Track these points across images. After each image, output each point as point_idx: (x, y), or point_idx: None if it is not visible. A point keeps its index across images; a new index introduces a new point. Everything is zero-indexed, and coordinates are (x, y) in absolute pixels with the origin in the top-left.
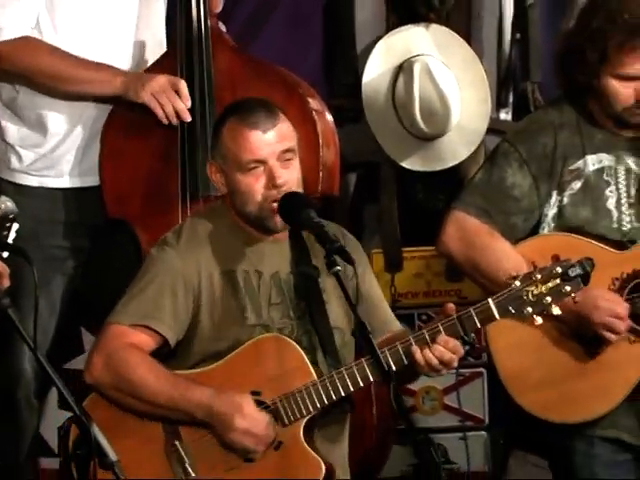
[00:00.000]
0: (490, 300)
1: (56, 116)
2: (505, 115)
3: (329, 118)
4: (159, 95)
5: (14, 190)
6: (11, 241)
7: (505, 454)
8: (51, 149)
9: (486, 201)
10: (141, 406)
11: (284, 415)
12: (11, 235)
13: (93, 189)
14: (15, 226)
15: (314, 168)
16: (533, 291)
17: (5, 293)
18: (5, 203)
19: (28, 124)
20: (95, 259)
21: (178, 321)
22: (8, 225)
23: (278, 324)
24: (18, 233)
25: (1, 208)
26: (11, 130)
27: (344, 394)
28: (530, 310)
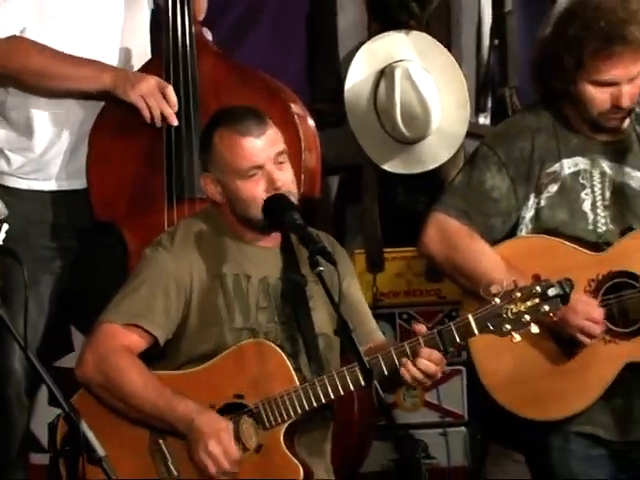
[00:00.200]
0: (470, 316)
1: (43, 119)
2: (484, 119)
3: (311, 123)
4: (147, 97)
5: (3, 192)
6: (1, 242)
7: (484, 450)
8: (39, 153)
9: (466, 203)
10: (126, 410)
11: (265, 419)
12: (1, 236)
13: (81, 192)
14: (5, 227)
15: (296, 171)
16: (512, 309)
17: None
18: None
19: (16, 127)
20: (83, 261)
21: (169, 321)
22: None
23: (264, 328)
24: (8, 234)
25: None
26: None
27: (325, 401)
28: (509, 327)
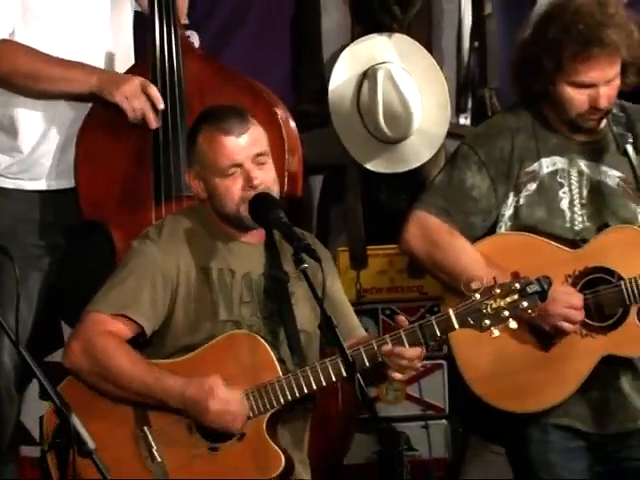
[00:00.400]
0: (451, 311)
1: (28, 119)
2: (464, 120)
3: (293, 125)
4: (131, 99)
5: None
6: None
7: (464, 442)
8: (27, 153)
9: (446, 201)
10: (116, 391)
11: (249, 408)
12: None
13: (68, 191)
14: None
15: (280, 170)
16: (492, 305)
17: None
18: None
19: (1, 127)
20: (70, 258)
21: (155, 312)
22: None
23: (248, 321)
24: None
25: None
26: None
27: (307, 392)
28: (488, 322)
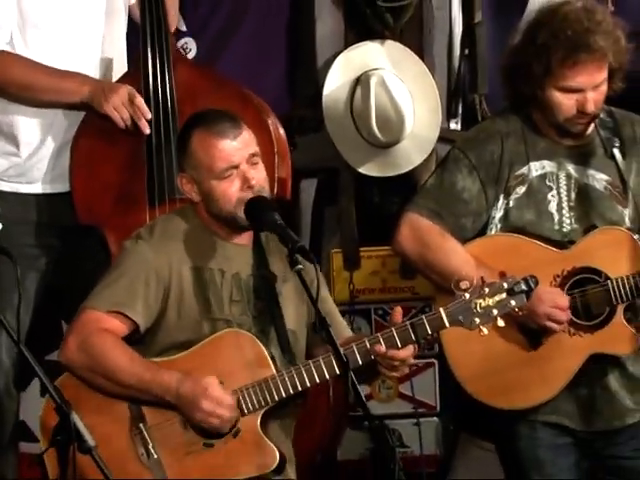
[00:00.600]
0: (441, 309)
1: (27, 127)
2: (455, 125)
3: (282, 131)
4: (119, 108)
5: None
6: None
7: (455, 438)
8: (25, 159)
9: (438, 204)
10: (112, 387)
11: (244, 405)
12: None
13: (63, 194)
14: None
15: (270, 174)
16: (481, 304)
17: None
18: None
19: (1, 134)
20: (66, 258)
21: (149, 310)
22: None
23: (238, 319)
24: None
25: None
26: None
27: (301, 389)
28: (477, 321)
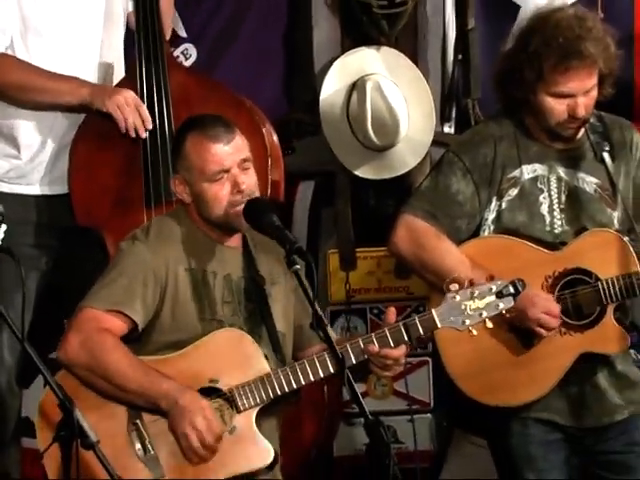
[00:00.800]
0: (433, 311)
1: (27, 130)
2: (448, 129)
3: (275, 137)
4: (123, 107)
5: None
6: (0, 241)
7: (448, 435)
8: (25, 161)
9: (433, 206)
10: (110, 389)
11: (239, 402)
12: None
13: (61, 196)
14: (3, 227)
15: (263, 178)
16: (471, 305)
17: None
18: None
19: (1, 135)
20: (65, 258)
21: (147, 309)
22: None
23: (229, 320)
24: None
25: None
26: None
27: (295, 387)
28: (468, 322)
